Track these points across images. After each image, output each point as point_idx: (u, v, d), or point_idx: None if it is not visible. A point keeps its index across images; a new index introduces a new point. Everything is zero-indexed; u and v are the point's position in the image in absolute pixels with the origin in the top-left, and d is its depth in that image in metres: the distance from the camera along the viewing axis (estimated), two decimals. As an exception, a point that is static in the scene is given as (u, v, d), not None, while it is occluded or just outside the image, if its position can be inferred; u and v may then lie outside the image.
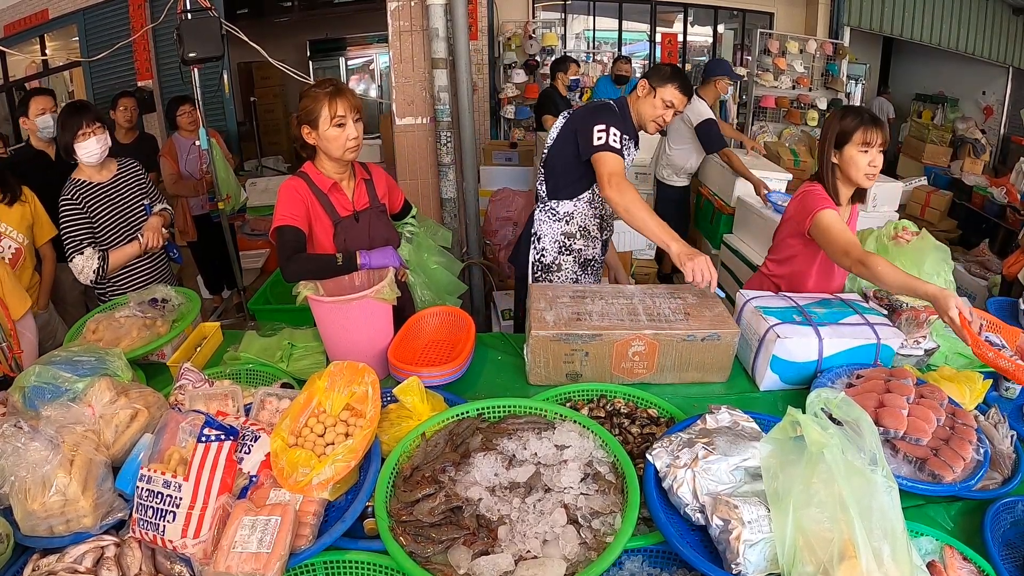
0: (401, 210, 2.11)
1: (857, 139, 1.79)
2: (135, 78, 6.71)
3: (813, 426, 0.97)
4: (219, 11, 3.54)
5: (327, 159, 1.78)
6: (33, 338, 2.01)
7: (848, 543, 0.91)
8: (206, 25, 3.11)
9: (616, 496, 1.12)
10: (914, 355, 1.70)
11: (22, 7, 7.11)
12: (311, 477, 1.11)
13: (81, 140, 2.16)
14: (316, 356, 1.77)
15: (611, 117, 2.07)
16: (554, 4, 7.61)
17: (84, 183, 2.21)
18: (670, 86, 2.12)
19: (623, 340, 1.56)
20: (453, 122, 2.88)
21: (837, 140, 1.83)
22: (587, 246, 2.31)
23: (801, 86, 6.97)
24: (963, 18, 7.25)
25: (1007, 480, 1.30)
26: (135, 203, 2.33)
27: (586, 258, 2.32)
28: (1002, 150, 7.93)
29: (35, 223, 2.45)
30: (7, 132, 6.80)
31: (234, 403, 1.35)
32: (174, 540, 1.04)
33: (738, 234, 3.68)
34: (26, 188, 2.40)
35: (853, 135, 1.80)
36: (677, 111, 2.18)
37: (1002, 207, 5.36)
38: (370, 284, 1.72)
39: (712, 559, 1.03)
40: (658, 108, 2.15)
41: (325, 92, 1.69)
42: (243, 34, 3.30)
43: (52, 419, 1.19)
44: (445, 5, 2.67)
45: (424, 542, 1.04)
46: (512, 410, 1.36)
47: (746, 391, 1.65)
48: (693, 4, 7.94)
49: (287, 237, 1.71)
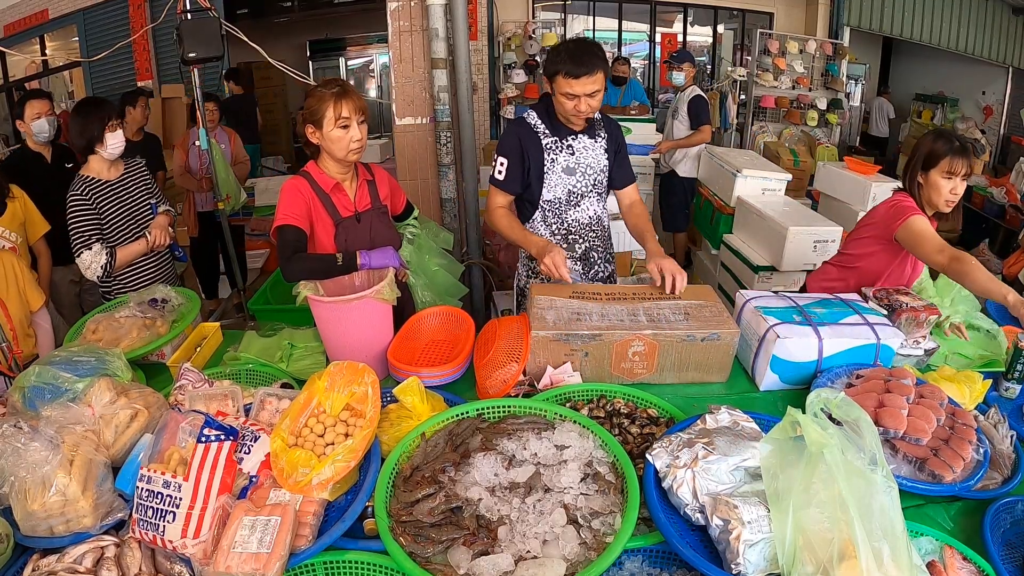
0: (403, 212, 2.11)
1: (943, 166, 1.87)
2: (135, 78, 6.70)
3: (813, 426, 0.97)
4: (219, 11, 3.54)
5: (330, 159, 1.78)
6: (50, 328, 2.11)
7: (848, 543, 0.91)
8: (206, 25, 3.11)
9: (616, 496, 1.12)
10: (914, 355, 1.70)
11: (22, 7, 7.11)
12: (311, 477, 1.11)
13: (111, 130, 2.19)
14: (316, 356, 1.77)
15: (503, 144, 2.01)
16: (554, 4, 7.60)
17: (93, 180, 2.21)
18: (558, 76, 1.82)
19: (623, 340, 1.56)
20: (453, 122, 2.88)
21: (925, 162, 1.90)
22: None
23: (801, 86, 6.97)
24: (963, 18, 7.25)
25: (1007, 480, 1.30)
26: (141, 202, 2.34)
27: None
28: (1002, 150, 7.94)
29: (27, 220, 2.45)
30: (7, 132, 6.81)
31: (234, 403, 1.35)
32: (174, 540, 1.04)
33: (738, 234, 3.68)
34: (14, 186, 2.40)
35: (940, 161, 1.86)
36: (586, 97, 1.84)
37: (1002, 207, 5.36)
38: (370, 284, 1.72)
39: (712, 559, 1.03)
40: (564, 104, 1.87)
41: (331, 93, 1.69)
42: (243, 34, 3.30)
43: (52, 419, 1.19)
44: (445, 5, 2.67)
45: (424, 542, 1.04)
46: (512, 410, 1.36)
47: (746, 391, 1.65)
48: (693, 4, 7.94)
49: (288, 237, 1.71)
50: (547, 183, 2.02)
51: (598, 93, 1.86)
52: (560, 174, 2.01)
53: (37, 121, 2.73)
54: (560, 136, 1.99)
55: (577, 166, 2.02)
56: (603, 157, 2.05)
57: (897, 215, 1.91)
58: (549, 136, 1.99)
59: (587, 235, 2.12)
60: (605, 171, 2.07)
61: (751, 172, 3.72)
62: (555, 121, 1.99)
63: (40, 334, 2.08)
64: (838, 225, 3.14)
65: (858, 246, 2.08)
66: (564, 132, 2.00)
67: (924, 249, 1.83)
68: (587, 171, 2.03)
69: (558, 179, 2.02)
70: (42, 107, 2.76)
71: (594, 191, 2.08)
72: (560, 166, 2.00)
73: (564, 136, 2.00)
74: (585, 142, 2.02)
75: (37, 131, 2.75)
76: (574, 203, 2.06)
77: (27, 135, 2.81)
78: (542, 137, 1.99)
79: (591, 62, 1.79)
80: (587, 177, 2.04)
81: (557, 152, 2.00)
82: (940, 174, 1.88)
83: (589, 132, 2.03)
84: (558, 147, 2.00)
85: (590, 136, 2.03)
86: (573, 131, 2.00)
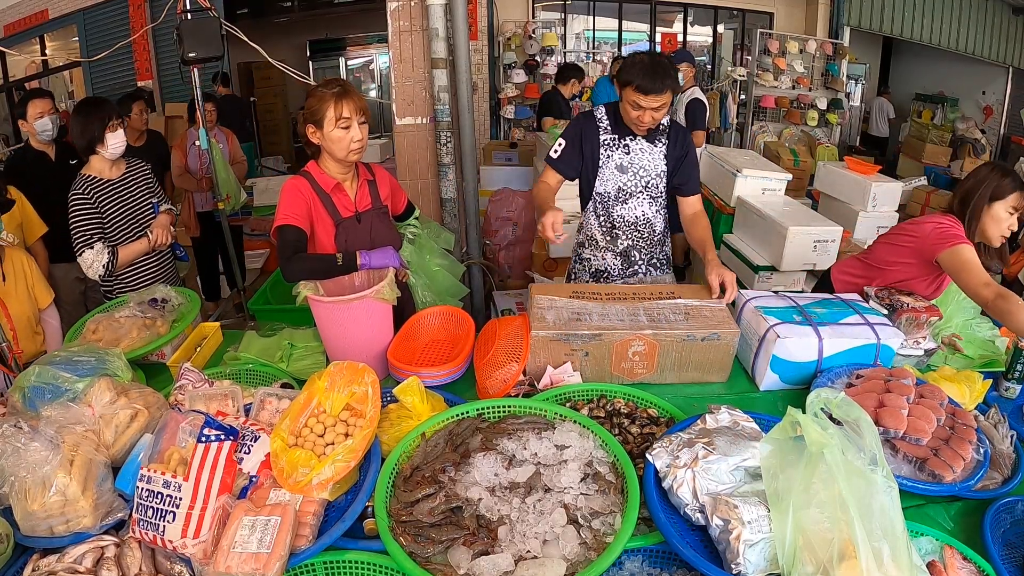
0: (404, 211, 2.11)
1: (1011, 200, 1.87)
2: (135, 78, 6.71)
3: (813, 426, 0.97)
4: (219, 11, 3.54)
5: (331, 159, 1.78)
6: (58, 326, 2.17)
7: (848, 543, 0.91)
8: (206, 25, 3.11)
9: (616, 496, 1.12)
10: (914, 355, 1.70)
11: (22, 7, 7.12)
12: (311, 477, 1.11)
13: (112, 130, 2.19)
14: (316, 356, 1.77)
15: (568, 128, 2.14)
16: (554, 4, 7.61)
17: (95, 179, 2.21)
18: (629, 88, 1.91)
19: (623, 340, 1.56)
20: (453, 122, 2.88)
21: (993, 194, 1.89)
22: (595, 256, 2.26)
23: (801, 86, 6.98)
24: (963, 18, 7.26)
25: (1007, 480, 1.30)
26: (143, 202, 2.34)
27: (596, 268, 2.27)
28: (1002, 150, 7.94)
29: (24, 221, 2.45)
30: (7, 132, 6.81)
31: (234, 403, 1.35)
32: (174, 540, 1.04)
33: (738, 234, 3.68)
34: (12, 188, 2.41)
35: (1009, 195, 1.87)
36: (651, 111, 1.92)
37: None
38: (370, 284, 1.72)
39: (712, 559, 1.03)
40: (628, 112, 1.97)
41: (332, 93, 1.69)
42: (243, 34, 3.30)
43: (52, 419, 1.19)
44: (445, 5, 2.66)
45: (424, 542, 1.04)
46: (512, 410, 1.36)
47: (746, 391, 1.65)
48: (693, 4, 7.95)
49: (288, 237, 1.71)
50: (600, 176, 2.13)
51: (663, 108, 1.96)
52: (613, 170, 2.12)
53: (40, 120, 2.74)
54: (620, 135, 2.10)
55: (630, 165, 2.11)
56: (661, 162, 2.12)
57: (945, 239, 1.87)
58: (609, 133, 2.10)
59: (631, 233, 2.20)
60: (662, 176, 2.14)
61: (751, 172, 3.71)
62: (619, 121, 2.08)
63: (48, 331, 2.13)
64: (838, 225, 3.13)
65: (893, 252, 2.05)
66: (624, 132, 2.09)
67: (969, 280, 1.80)
68: (639, 172, 2.11)
69: (610, 175, 2.12)
70: (44, 106, 2.77)
71: (645, 193, 2.15)
72: (614, 163, 2.11)
73: (624, 136, 2.09)
74: (643, 144, 2.10)
75: (40, 130, 2.75)
76: (622, 200, 2.15)
77: (30, 134, 2.82)
78: (602, 133, 2.10)
79: (663, 83, 1.89)
80: (639, 178, 2.12)
81: (613, 149, 2.10)
82: (1005, 208, 1.88)
83: (649, 137, 2.10)
84: (615, 144, 2.10)
85: (649, 140, 2.11)
86: (633, 133, 2.09)
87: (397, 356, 1.61)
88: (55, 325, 2.15)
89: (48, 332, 2.12)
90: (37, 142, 2.82)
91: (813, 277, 3.05)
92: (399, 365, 1.56)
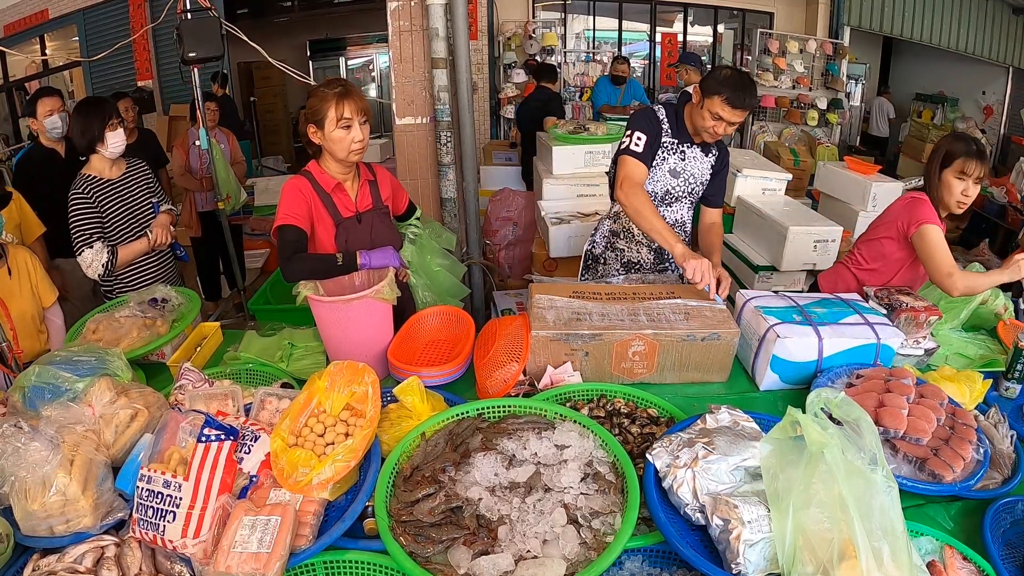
0: (405, 211, 2.11)
1: (957, 166, 1.89)
2: (135, 78, 6.71)
3: (813, 426, 0.97)
4: (219, 11, 3.54)
5: (332, 159, 1.78)
6: (62, 324, 2.18)
7: (848, 543, 0.91)
8: (206, 25, 3.10)
9: (616, 496, 1.12)
10: (914, 355, 1.70)
11: (22, 7, 7.12)
12: (311, 477, 1.11)
13: (111, 129, 2.19)
14: (316, 356, 1.77)
15: (641, 122, 2.06)
16: (554, 4, 7.61)
17: (95, 179, 2.21)
18: (717, 98, 1.91)
19: (623, 340, 1.56)
20: (453, 122, 2.88)
21: (942, 161, 1.93)
22: (629, 247, 2.29)
23: (801, 86, 6.98)
24: (963, 18, 7.25)
25: (1007, 480, 1.30)
26: (143, 201, 2.35)
27: (630, 259, 2.29)
28: (1002, 150, 7.94)
29: (22, 221, 2.45)
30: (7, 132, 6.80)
31: (234, 403, 1.35)
32: (174, 540, 1.04)
33: (738, 234, 3.68)
34: (11, 188, 2.41)
35: (954, 161, 1.89)
36: (728, 124, 1.96)
37: (1002, 207, 5.36)
38: (370, 284, 1.72)
39: (712, 559, 1.03)
40: (706, 120, 1.97)
41: (333, 93, 1.68)
42: (243, 34, 3.29)
43: (52, 419, 1.19)
44: (445, 5, 2.66)
45: (424, 542, 1.04)
46: (512, 410, 1.36)
47: (746, 391, 1.65)
48: (693, 4, 7.94)
49: (288, 237, 1.71)
50: (652, 176, 2.13)
51: (739, 123, 1.99)
52: (666, 172, 2.13)
53: (50, 118, 2.75)
54: (679, 140, 2.11)
55: (683, 171, 2.13)
56: (707, 172, 2.17)
57: (912, 216, 1.94)
58: (670, 136, 2.11)
59: None
60: (704, 185, 2.19)
61: (751, 172, 3.71)
62: (680, 125, 2.10)
63: (52, 330, 2.13)
64: (838, 225, 3.14)
65: (874, 248, 2.09)
66: (684, 138, 2.11)
67: (932, 265, 1.88)
68: (689, 179, 2.15)
69: (662, 176, 2.13)
70: (54, 104, 2.78)
71: (688, 198, 2.20)
72: (668, 165, 2.12)
73: (683, 141, 2.11)
74: (696, 152, 2.13)
75: (50, 127, 2.76)
76: (668, 202, 2.18)
77: (40, 132, 2.82)
78: (663, 135, 2.10)
79: (751, 100, 1.93)
80: (687, 184, 2.16)
81: (671, 152, 2.12)
82: (953, 174, 1.91)
83: (703, 146, 2.13)
84: (673, 149, 2.11)
85: (703, 150, 2.13)
86: (692, 140, 2.11)
87: (397, 356, 1.61)
88: (59, 324, 2.15)
89: (52, 331, 2.13)
90: (47, 140, 2.82)
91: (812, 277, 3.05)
92: (399, 365, 1.56)
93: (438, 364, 1.61)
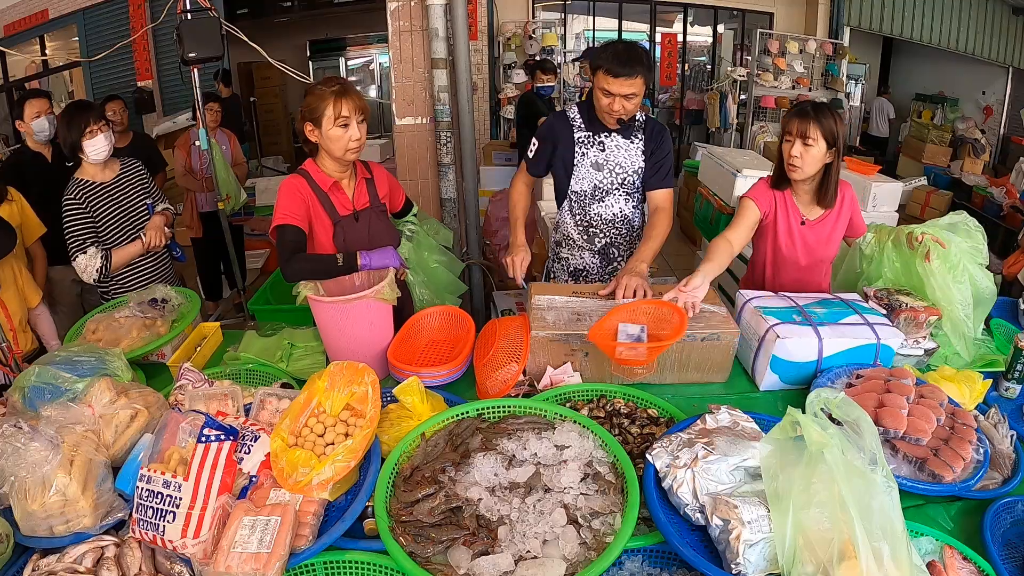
0: (402, 208, 2.11)
1: (783, 127, 1.86)
2: (135, 78, 6.71)
3: (813, 426, 0.97)
4: (219, 11, 3.54)
5: (329, 158, 1.78)
6: (50, 317, 2.19)
7: (848, 543, 0.91)
8: (206, 25, 3.10)
9: (616, 496, 1.12)
10: (914, 355, 1.70)
11: (22, 7, 7.12)
12: (311, 477, 1.11)
13: (89, 137, 2.17)
14: (316, 356, 1.77)
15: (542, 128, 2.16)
16: (554, 4, 7.61)
17: (87, 183, 2.21)
18: (600, 72, 1.85)
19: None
20: (453, 122, 2.88)
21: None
22: (572, 255, 2.24)
23: (801, 86, 6.98)
24: (963, 18, 7.26)
25: (1007, 480, 1.30)
26: (138, 203, 2.34)
27: (575, 267, 2.25)
28: (1002, 150, 7.94)
29: (23, 222, 2.45)
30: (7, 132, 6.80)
31: (234, 403, 1.35)
32: (174, 540, 1.04)
33: (738, 234, 3.67)
34: (11, 188, 2.40)
35: (784, 127, 1.86)
36: (621, 99, 1.86)
37: (1002, 207, 5.36)
38: (370, 284, 1.72)
39: (712, 559, 1.03)
40: (600, 99, 1.90)
41: (331, 91, 1.68)
42: (243, 34, 3.30)
43: (52, 419, 1.19)
44: (445, 5, 2.66)
45: (424, 542, 1.04)
46: (512, 410, 1.36)
47: (746, 391, 1.65)
48: (693, 4, 7.95)
49: (287, 236, 1.71)
50: (575, 175, 2.10)
51: (635, 97, 1.89)
52: (588, 168, 2.09)
53: (37, 120, 2.73)
54: (594, 132, 2.06)
55: (606, 163, 2.08)
56: (638, 159, 2.10)
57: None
58: (583, 131, 2.07)
59: (608, 231, 2.18)
60: (639, 173, 2.12)
61: (751, 172, 3.71)
62: (592, 117, 2.05)
63: (43, 324, 2.14)
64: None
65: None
66: (598, 128, 2.06)
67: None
68: (616, 169, 2.09)
69: (586, 172, 2.10)
70: (41, 106, 2.76)
71: (622, 189, 2.13)
72: (589, 160, 2.08)
73: (597, 132, 2.06)
74: (618, 141, 2.07)
75: (37, 130, 2.75)
76: (599, 198, 2.13)
77: (27, 135, 2.81)
78: (576, 131, 2.07)
79: (634, 66, 1.83)
80: (615, 175, 2.10)
81: (588, 147, 2.08)
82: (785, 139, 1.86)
83: (624, 132, 2.07)
84: (589, 142, 2.07)
85: (625, 136, 2.07)
86: (608, 129, 2.06)
87: (397, 356, 1.61)
88: (47, 317, 2.16)
89: (42, 330, 2.13)
90: (34, 142, 2.81)
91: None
92: (399, 365, 1.56)
93: (438, 364, 1.61)
